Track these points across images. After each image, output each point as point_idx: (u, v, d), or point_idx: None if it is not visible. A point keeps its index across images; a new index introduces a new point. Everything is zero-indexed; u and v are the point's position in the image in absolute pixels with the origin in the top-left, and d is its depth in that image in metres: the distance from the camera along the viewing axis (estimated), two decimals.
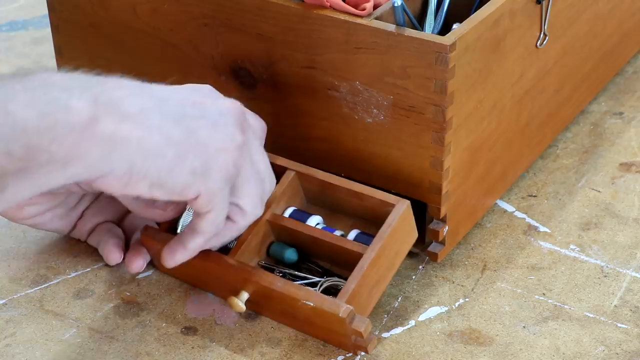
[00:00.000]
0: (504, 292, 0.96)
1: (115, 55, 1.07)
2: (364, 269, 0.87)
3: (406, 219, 0.91)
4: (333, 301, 0.85)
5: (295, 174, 0.95)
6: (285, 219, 0.93)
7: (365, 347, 0.87)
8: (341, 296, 0.86)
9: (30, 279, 0.97)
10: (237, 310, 0.89)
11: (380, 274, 0.90)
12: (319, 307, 0.85)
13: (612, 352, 0.89)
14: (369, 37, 0.90)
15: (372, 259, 0.88)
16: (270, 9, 0.94)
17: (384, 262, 0.89)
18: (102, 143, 0.74)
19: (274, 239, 0.95)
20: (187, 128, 0.80)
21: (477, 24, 0.90)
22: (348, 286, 0.86)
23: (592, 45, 1.15)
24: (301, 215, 0.94)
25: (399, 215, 0.90)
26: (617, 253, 1.00)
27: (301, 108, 0.98)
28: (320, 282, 0.91)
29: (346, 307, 0.85)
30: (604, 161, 1.13)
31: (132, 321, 0.93)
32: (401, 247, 0.92)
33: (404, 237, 0.92)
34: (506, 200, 1.07)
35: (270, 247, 0.94)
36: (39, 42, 1.39)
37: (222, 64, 1.00)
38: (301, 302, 0.86)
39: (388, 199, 0.91)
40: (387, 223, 0.89)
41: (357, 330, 0.85)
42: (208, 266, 0.90)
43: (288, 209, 0.95)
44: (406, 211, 0.90)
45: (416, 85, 0.90)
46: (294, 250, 0.94)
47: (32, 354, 0.89)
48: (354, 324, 0.85)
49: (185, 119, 0.80)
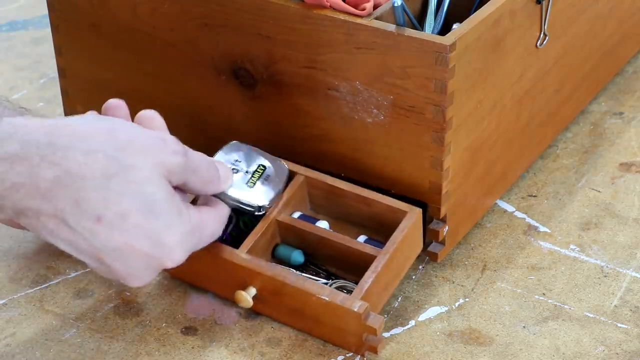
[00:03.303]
0: (504, 292, 0.96)
1: (115, 55, 1.07)
2: (378, 269, 0.88)
3: (416, 228, 0.91)
4: (348, 297, 0.86)
5: (305, 179, 0.95)
6: (294, 220, 0.93)
7: (375, 346, 0.87)
8: (356, 294, 0.86)
9: (30, 279, 0.97)
10: (245, 305, 0.89)
11: (390, 277, 0.90)
12: (333, 302, 0.85)
13: (612, 352, 0.89)
14: (369, 37, 0.90)
15: (386, 261, 0.88)
16: (270, 9, 0.94)
17: (394, 266, 0.90)
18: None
19: (280, 240, 0.95)
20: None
21: (477, 24, 0.90)
22: (363, 285, 0.87)
23: (592, 45, 1.15)
24: (309, 219, 0.94)
25: (412, 223, 0.90)
26: (617, 253, 1.00)
27: (301, 108, 0.98)
28: (329, 284, 0.91)
29: (362, 303, 0.85)
30: (604, 161, 1.13)
31: (132, 321, 0.93)
32: (409, 254, 0.92)
33: (413, 244, 0.92)
34: (506, 200, 1.07)
35: (276, 249, 0.94)
36: (39, 42, 1.39)
37: (222, 64, 1.00)
38: (315, 297, 0.86)
39: (399, 206, 0.92)
40: (399, 229, 0.90)
41: (371, 327, 0.85)
42: (219, 260, 0.90)
43: (295, 214, 0.95)
44: (417, 219, 0.91)
45: (416, 85, 0.90)
46: (300, 252, 0.94)
47: (32, 354, 0.89)
48: (369, 321, 0.85)
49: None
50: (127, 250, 0.78)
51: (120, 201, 0.77)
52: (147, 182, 0.79)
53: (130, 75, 1.07)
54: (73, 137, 0.78)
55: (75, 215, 0.77)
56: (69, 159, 0.77)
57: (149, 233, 0.79)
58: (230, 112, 1.02)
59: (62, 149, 0.77)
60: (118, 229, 0.78)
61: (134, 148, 0.79)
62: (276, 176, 0.93)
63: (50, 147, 0.76)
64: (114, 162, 0.78)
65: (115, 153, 0.78)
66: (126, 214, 0.78)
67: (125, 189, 0.78)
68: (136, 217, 0.78)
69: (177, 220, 0.80)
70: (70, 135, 0.78)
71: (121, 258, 0.79)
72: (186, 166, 0.82)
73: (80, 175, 0.77)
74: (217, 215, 0.87)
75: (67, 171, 0.76)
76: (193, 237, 0.83)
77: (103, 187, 0.77)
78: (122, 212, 0.77)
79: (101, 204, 0.77)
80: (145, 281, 0.81)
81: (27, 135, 0.76)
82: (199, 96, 1.03)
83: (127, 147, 0.79)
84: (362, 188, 0.94)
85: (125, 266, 0.79)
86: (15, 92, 1.29)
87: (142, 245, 0.78)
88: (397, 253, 0.89)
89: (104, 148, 0.78)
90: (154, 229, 0.79)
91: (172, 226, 0.80)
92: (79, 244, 0.78)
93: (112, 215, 0.77)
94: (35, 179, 0.76)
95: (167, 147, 0.81)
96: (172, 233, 0.80)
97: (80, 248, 0.79)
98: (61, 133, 0.77)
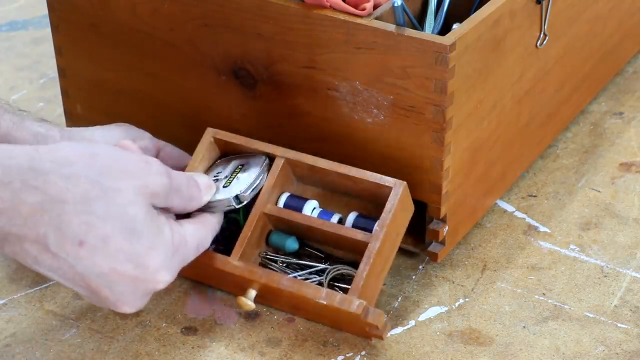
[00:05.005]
0: (504, 292, 0.96)
1: (115, 55, 1.07)
2: (370, 260, 0.87)
3: (405, 200, 0.91)
4: (345, 297, 0.86)
5: (285, 161, 0.94)
6: (282, 210, 0.93)
7: (380, 335, 0.88)
8: (352, 291, 0.86)
9: (30, 279, 0.97)
10: (247, 310, 0.89)
11: (385, 257, 0.90)
12: (331, 305, 0.86)
13: (612, 352, 0.89)
14: (369, 37, 0.90)
15: (377, 249, 0.88)
16: (270, 9, 0.94)
17: (388, 246, 0.90)
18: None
19: (272, 227, 0.95)
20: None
21: (477, 24, 0.90)
22: (357, 281, 0.87)
23: (592, 45, 1.15)
24: (297, 202, 0.94)
25: (398, 198, 0.90)
26: (617, 253, 1.00)
27: (301, 108, 0.98)
28: (327, 271, 0.92)
29: (359, 303, 0.85)
30: (604, 161, 1.13)
31: (132, 321, 0.93)
32: (402, 226, 0.92)
33: (404, 216, 0.92)
34: (506, 200, 1.07)
35: (270, 236, 0.94)
36: (39, 42, 1.39)
37: (222, 64, 1.00)
38: (313, 301, 0.86)
39: (384, 182, 0.91)
40: (386, 209, 0.89)
41: (372, 323, 0.86)
42: (213, 268, 0.90)
43: (283, 195, 0.94)
44: (404, 192, 0.90)
45: (416, 85, 0.90)
46: (294, 239, 0.94)
47: (32, 354, 0.89)
48: (369, 318, 0.86)
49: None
50: (112, 274, 0.78)
51: (103, 225, 0.77)
52: (129, 204, 0.79)
53: (130, 75, 1.07)
54: (54, 163, 0.77)
55: (58, 240, 0.77)
56: (50, 184, 0.76)
57: (131, 256, 0.78)
58: (230, 112, 1.02)
59: (44, 173, 0.77)
60: (100, 252, 0.77)
61: (116, 171, 0.79)
62: (253, 166, 0.93)
63: (32, 172, 0.76)
64: (96, 186, 0.78)
65: (96, 177, 0.78)
66: (108, 238, 0.77)
67: (106, 212, 0.78)
68: (118, 240, 0.78)
69: (160, 241, 0.80)
70: (51, 160, 0.78)
71: (107, 283, 0.78)
72: (171, 186, 0.82)
73: (62, 199, 0.76)
74: (202, 226, 0.86)
75: (49, 196, 0.76)
76: (177, 255, 0.82)
77: (85, 211, 0.77)
78: (103, 235, 0.77)
79: (83, 228, 0.77)
80: (136, 306, 0.81)
81: (9, 160, 0.76)
82: (199, 96, 1.03)
83: (109, 171, 0.79)
84: (343, 166, 0.92)
85: (113, 292, 0.79)
86: (15, 92, 1.29)
87: (125, 268, 0.78)
88: (389, 234, 0.89)
89: (86, 173, 0.78)
90: (136, 252, 0.79)
91: (155, 247, 0.80)
92: (64, 271, 0.78)
93: (94, 239, 0.77)
94: (17, 204, 0.76)
95: (151, 169, 0.81)
96: (154, 255, 0.80)
97: (65, 275, 0.78)
98: (43, 158, 0.77)
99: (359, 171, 0.92)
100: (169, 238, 0.81)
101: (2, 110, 0.95)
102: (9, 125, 0.95)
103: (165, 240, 0.81)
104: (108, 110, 1.10)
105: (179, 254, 0.83)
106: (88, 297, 0.80)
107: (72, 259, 0.77)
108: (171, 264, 0.81)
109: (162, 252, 0.80)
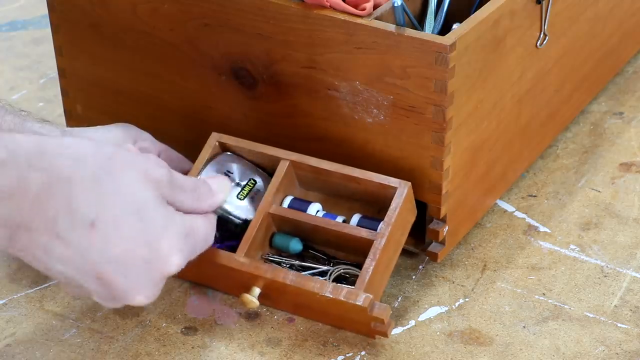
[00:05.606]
0: (504, 292, 0.96)
1: (115, 55, 1.07)
2: (376, 256, 0.88)
3: (409, 200, 0.91)
4: (351, 291, 0.86)
5: (290, 163, 0.94)
6: (287, 210, 0.93)
7: (385, 331, 0.88)
8: (358, 285, 0.86)
9: (30, 279, 0.97)
10: (251, 307, 0.89)
11: (389, 257, 0.90)
12: (337, 298, 0.86)
13: (612, 352, 0.89)
14: (369, 37, 0.90)
15: (382, 246, 0.88)
16: (270, 9, 0.94)
17: (392, 245, 0.90)
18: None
19: (276, 229, 0.95)
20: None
21: (477, 24, 0.90)
22: (364, 275, 0.87)
23: (592, 45, 1.15)
24: (300, 204, 0.94)
25: (402, 199, 0.90)
26: (617, 253, 1.00)
27: (301, 108, 0.98)
28: (330, 271, 0.92)
29: (366, 296, 0.85)
30: (604, 161, 1.13)
31: (132, 321, 0.93)
32: (406, 226, 0.92)
33: (408, 217, 0.92)
34: (506, 200, 1.07)
35: (273, 238, 0.94)
36: (39, 42, 1.39)
37: (222, 64, 1.00)
38: (318, 295, 0.86)
39: (389, 182, 0.91)
40: (392, 208, 0.90)
41: (378, 317, 0.86)
42: (217, 265, 0.90)
43: (286, 198, 0.95)
44: (409, 193, 0.91)
45: (416, 85, 0.90)
46: (298, 240, 0.94)
47: (32, 354, 0.89)
48: (375, 312, 0.86)
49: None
50: (126, 258, 0.77)
51: (113, 204, 0.76)
52: (138, 186, 0.78)
53: (130, 75, 1.07)
54: (61, 147, 0.77)
55: (68, 224, 0.75)
56: (57, 165, 0.75)
57: (145, 237, 0.77)
58: (230, 112, 1.02)
59: (50, 155, 0.76)
60: (112, 235, 0.76)
61: (119, 159, 0.79)
62: (264, 192, 0.93)
63: (39, 154, 0.75)
64: (103, 168, 0.77)
65: (103, 161, 0.77)
66: (119, 218, 0.76)
67: (116, 192, 0.77)
68: (130, 221, 0.77)
69: (171, 223, 0.79)
70: (57, 145, 0.77)
71: (121, 269, 0.77)
72: (171, 179, 0.81)
73: (70, 179, 0.75)
74: (207, 220, 0.85)
75: (56, 176, 0.75)
76: (188, 241, 0.81)
77: (94, 190, 0.76)
78: (115, 215, 0.76)
79: (93, 208, 0.76)
80: (148, 295, 0.79)
81: (14, 143, 0.75)
82: (199, 96, 1.03)
83: (113, 157, 0.78)
84: (348, 167, 0.93)
85: (127, 279, 0.77)
86: (15, 92, 1.29)
87: (139, 250, 0.77)
88: (393, 232, 0.90)
89: (93, 156, 0.77)
90: (150, 233, 0.78)
91: (167, 229, 0.79)
92: (75, 261, 0.76)
93: (105, 219, 0.76)
94: (24, 184, 0.74)
95: (150, 160, 0.81)
96: (167, 236, 0.79)
97: (77, 265, 0.76)
98: (48, 143, 0.77)
99: (363, 172, 0.92)
100: (181, 222, 0.81)
101: (3, 112, 0.95)
102: (10, 127, 0.95)
103: (177, 223, 0.80)
104: (108, 110, 1.10)
105: (190, 240, 0.82)
106: (98, 292, 0.78)
107: (83, 245, 0.76)
108: (183, 248, 0.80)
109: (174, 234, 0.79)
